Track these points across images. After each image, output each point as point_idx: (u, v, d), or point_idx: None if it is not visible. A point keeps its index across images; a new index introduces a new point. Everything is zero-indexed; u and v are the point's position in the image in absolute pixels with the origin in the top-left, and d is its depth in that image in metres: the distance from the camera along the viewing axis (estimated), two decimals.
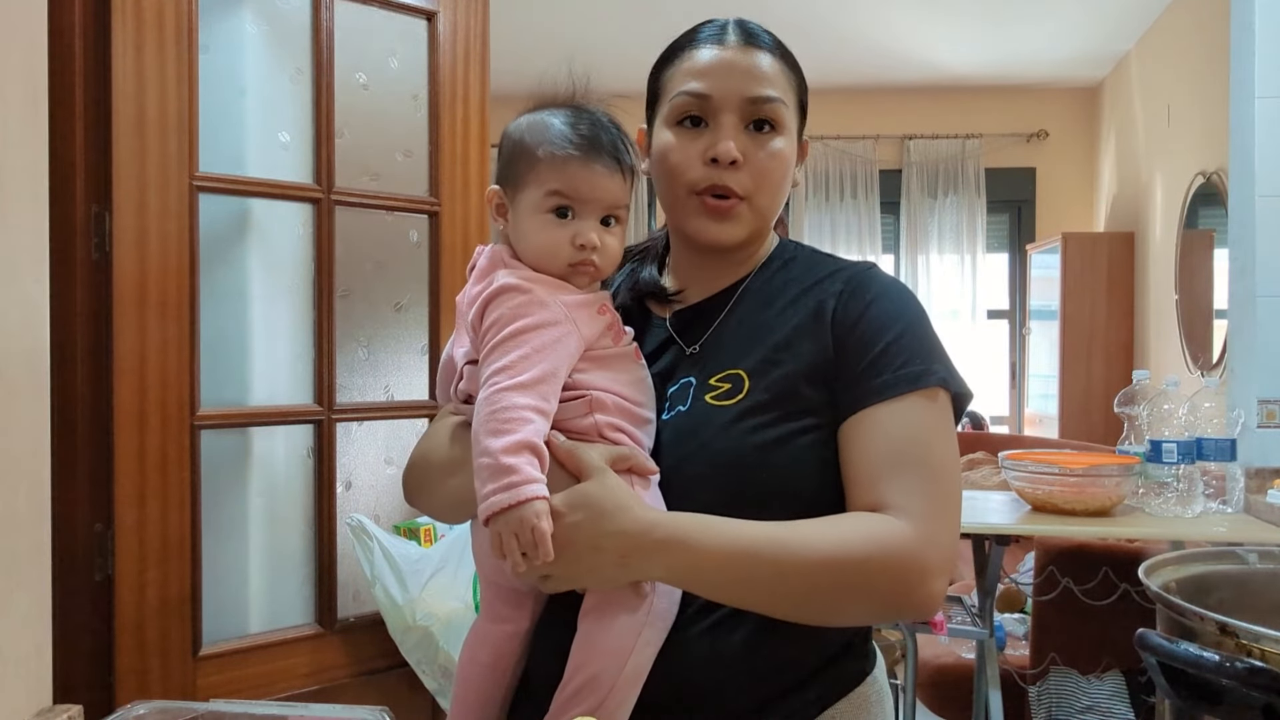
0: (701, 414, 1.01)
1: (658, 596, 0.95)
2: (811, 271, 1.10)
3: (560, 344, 0.95)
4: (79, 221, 1.75)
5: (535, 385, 0.92)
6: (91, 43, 1.75)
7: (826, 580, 0.92)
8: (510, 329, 0.94)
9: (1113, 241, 5.05)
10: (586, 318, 0.99)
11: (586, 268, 1.01)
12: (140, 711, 1.16)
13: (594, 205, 1.00)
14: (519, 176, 1.02)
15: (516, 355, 0.93)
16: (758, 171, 1.04)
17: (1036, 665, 2.62)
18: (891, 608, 0.98)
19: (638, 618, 0.94)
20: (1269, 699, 1.04)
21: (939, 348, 1.03)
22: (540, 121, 1.02)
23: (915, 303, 1.07)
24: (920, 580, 0.93)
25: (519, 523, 0.87)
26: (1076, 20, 4.68)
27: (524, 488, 0.88)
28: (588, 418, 0.97)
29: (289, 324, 2.08)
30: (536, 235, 1.00)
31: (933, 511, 0.94)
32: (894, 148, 5.89)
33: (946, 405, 1.01)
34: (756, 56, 1.05)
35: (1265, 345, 2.48)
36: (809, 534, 0.93)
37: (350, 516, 2.07)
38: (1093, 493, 2.28)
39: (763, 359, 1.02)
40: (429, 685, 2.06)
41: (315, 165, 2.03)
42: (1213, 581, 1.45)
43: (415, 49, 2.19)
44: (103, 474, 1.77)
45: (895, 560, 0.92)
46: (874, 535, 0.93)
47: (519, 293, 0.96)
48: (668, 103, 1.07)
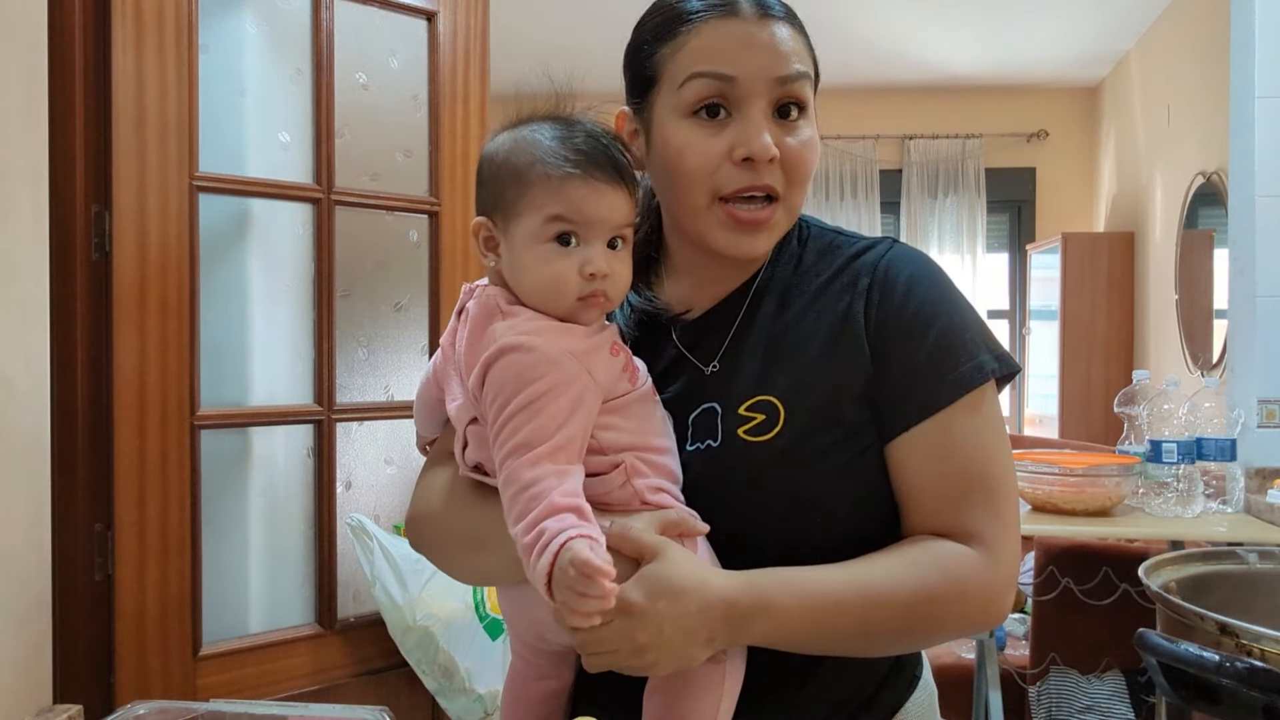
0: (738, 452, 0.91)
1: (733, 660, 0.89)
2: (827, 259, 0.98)
3: (578, 406, 0.83)
4: (79, 221, 1.74)
5: (552, 455, 0.81)
6: (91, 43, 1.75)
7: (912, 621, 0.89)
8: (520, 399, 0.82)
9: (1113, 241, 5.05)
10: (601, 364, 0.87)
11: (597, 299, 0.88)
12: (140, 711, 1.16)
13: (600, 227, 0.87)
14: (509, 204, 0.88)
15: (530, 430, 0.81)
16: (793, 165, 0.92)
17: (1036, 665, 2.62)
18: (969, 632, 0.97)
19: (715, 692, 0.87)
20: (1269, 699, 1.04)
21: (980, 329, 0.95)
22: (526, 139, 0.89)
23: (946, 281, 0.97)
24: (996, 606, 0.91)
25: (563, 575, 0.76)
26: (1076, 20, 4.68)
27: (554, 540, 0.77)
28: (625, 486, 0.87)
29: (289, 324, 2.08)
30: (539, 269, 0.87)
31: (1000, 534, 0.91)
32: (894, 148, 5.89)
33: (992, 391, 0.94)
34: (775, 27, 0.91)
35: (1265, 345, 2.47)
36: (890, 575, 0.88)
37: (350, 516, 2.07)
38: (1093, 493, 2.28)
39: (795, 381, 0.92)
40: (429, 685, 2.06)
41: (315, 165, 2.03)
42: (1213, 581, 1.45)
43: (415, 49, 2.18)
44: (103, 474, 1.77)
45: (976, 593, 0.90)
46: (953, 572, 0.89)
47: (523, 352, 0.83)
48: (675, 90, 0.92)
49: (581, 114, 0.92)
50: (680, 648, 0.83)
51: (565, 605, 0.77)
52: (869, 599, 0.87)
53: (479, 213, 0.92)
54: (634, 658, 0.82)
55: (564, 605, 0.77)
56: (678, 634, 0.82)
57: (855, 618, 0.87)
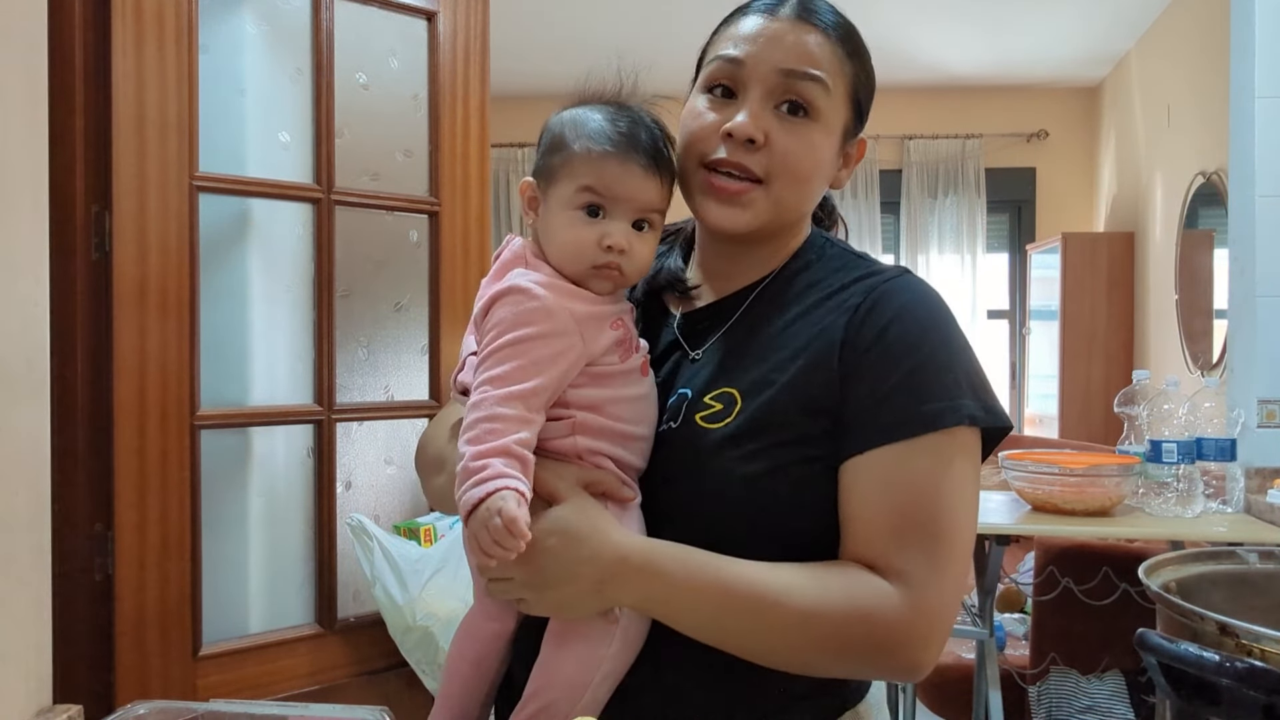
0: (688, 434, 0.95)
1: (626, 626, 0.91)
2: (835, 276, 1.00)
3: (559, 358, 0.90)
4: (79, 221, 1.75)
5: (524, 397, 0.88)
6: (91, 43, 1.75)
7: (800, 635, 0.87)
8: (509, 336, 0.89)
9: (1113, 241, 5.05)
10: (595, 331, 0.93)
11: (610, 271, 0.94)
12: (140, 711, 1.16)
13: (626, 206, 0.94)
14: (553, 170, 0.96)
15: (511, 366, 0.88)
16: (780, 156, 0.95)
17: (1036, 665, 2.62)
18: (871, 671, 0.95)
19: (600, 649, 0.91)
20: (1269, 699, 1.04)
21: (971, 376, 0.92)
22: (580, 116, 0.97)
23: (945, 322, 0.95)
24: (905, 649, 0.87)
25: (486, 512, 0.83)
26: (1076, 20, 4.68)
27: (493, 481, 0.84)
28: (568, 438, 0.93)
29: (289, 324, 2.08)
30: (563, 232, 0.95)
31: (930, 580, 0.87)
32: (894, 148, 5.89)
33: (971, 442, 0.92)
34: (806, 33, 0.96)
35: (1265, 345, 2.48)
36: (790, 583, 0.87)
37: (350, 516, 2.07)
38: (1093, 493, 2.28)
39: (758, 378, 0.94)
40: (429, 685, 2.06)
41: (315, 165, 2.03)
42: (1213, 581, 1.45)
43: (415, 49, 2.18)
44: (103, 474, 1.77)
45: (878, 628, 0.86)
46: (858, 598, 0.87)
47: (528, 297, 0.91)
48: (704, 68, 1.00)
49: (639, 103, 0.99)
50: (564, 589, 0.87)
51: (473, 539, 0.85)
52: (761, 598, 0.87)
53: (531, 175, 1.00)
54: (525, 590, 0.89)
55: (472, 538, 0.85)
56: (563, 574, 0.87)
57: (743, 613, 0.88)
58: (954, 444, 0.90)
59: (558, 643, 0.93)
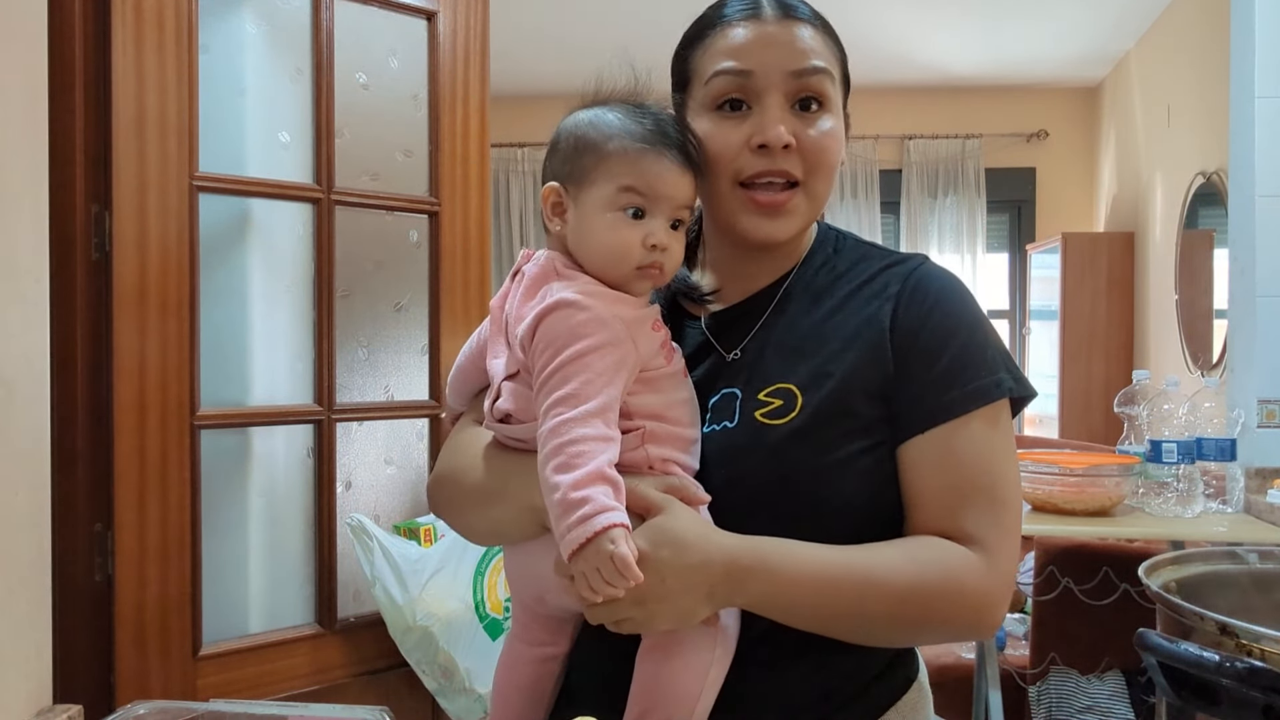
0: (752, 433, 0.95)
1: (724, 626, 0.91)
2: (860, 267, 1.03)
3: (621, 367, 0.89)
4: (79, 221, 1.75)
5: (601, 414, 0.86)
6: (91, 43, 1.75)
7: (906, 610, 0.91)
8: (570, 351, 0.87)
9: (1113, 241, 5.05)
10: (644, 336, 0.92)
11: (653, 271, 0.94)
12: (140, 711, 1.16)
13: (667, 204, 0.94)
14: (585, 172, 0.94)
15: (579, 382, 0.86)
16: (811, 154, 0.97)
17: (1036, 665, 2.62)
18: (962, 634, 1.00)
19: (706, 655, 0.90)
20: (1269, 699, 1.04)
21: (1000, 349, 0.99)
22: (602, 117, 0.95)
23: (973, 301, 1.02)
24: (990, 611, 0.93)
25: (597, 554, 0.81)
26: (1076, 20, 4.68)
27: (599, 517, 0.81)
28: (640, 450, 0.92)
29: (289, 324, 2.08)
30: (606, 234, 0.93)
31: (1002, 544, 0.93)
32: (894, 148, 5.89)
33: (1006, 410, 0.98)
34: (796, 28, 0.98)
35: (1265, 345, 2.48)
36: (890, 563, 0.91)
37: (350, 516, 2.07)
38: (1093, 493, 2.28)
39: (815, 372, 0.96)
40: (429, 685, 2.06)
41: (315, 165, 2.03)
42: (1213, 581, 1.45)
43: (415, 49, 2.18)
44: (103, 474, 1.77)
45: (971, 594, 0.92)
46: (952, 569, 0.91)
47: (578, 309, 0.89)
48: (702, 86, 0.99)
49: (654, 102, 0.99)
50: (680, 599, 0.86)
51: (584, 577, 0.82)
52: (866, 581, 0.90)
53: (552, 179, 0.97)
54: (635, 608, 0.86)
55: (583, 576, 0.83)
56: (679, 584, 0.85)
57: (850, 597, 0.90)
58: (997, 414, 0.96)
59: (660, 656, 0.90)
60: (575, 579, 0.84)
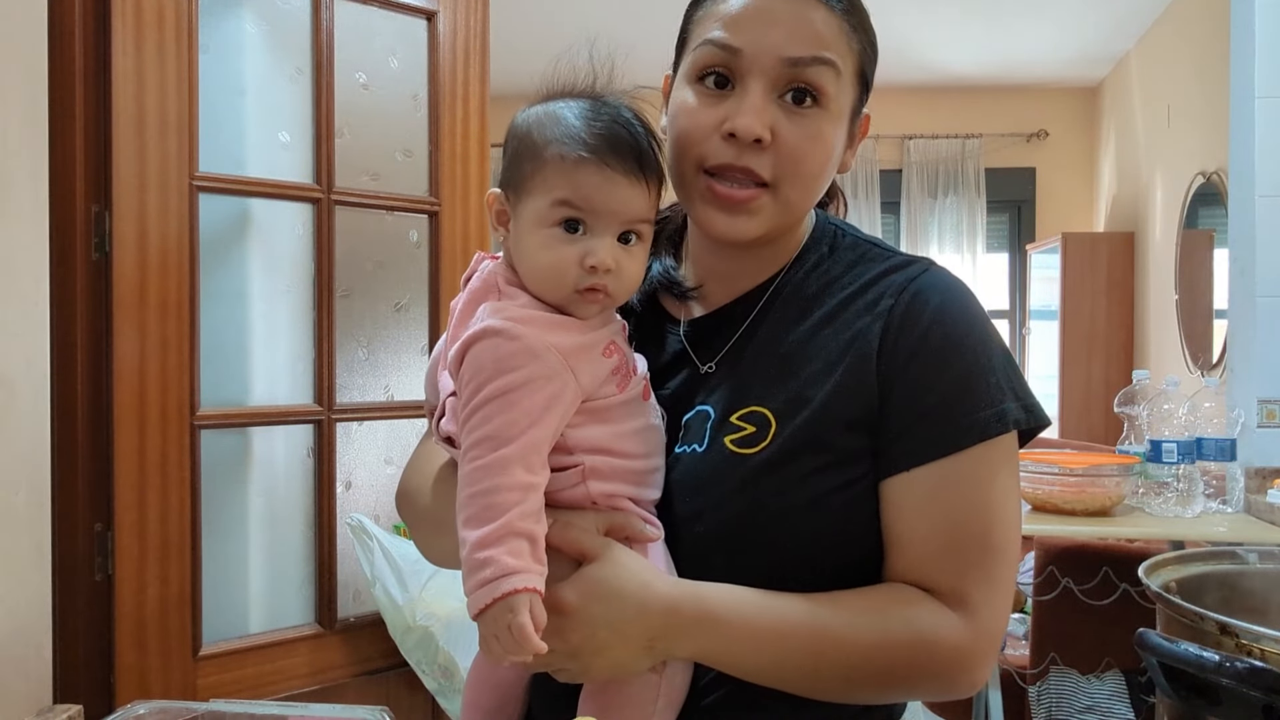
0: (719, 460, 0.85)
1: (670, 675, 0.83)
2: (855, 272, 0.91)
3: (553, 404, 0.78)
4: (79, 221, 1.75)
5: (521, 458, 0.77)
6: (91, 43, 1.75)
7: (866, 670, 0.82)
8: (492, 388, 0.77)
9: (1113, 241, 5.05)
10: (587, 364, 0.81)
11: (595, 295, 0.82)
12: (140, 711, 1.16)
13: (609, 219, 0.82)
14: (523, 180, 0.83)
15: (500, 422, 0.77)
16: (787, 155, 0.84)
17: (1036, 665, 2.62)
18: (931, 695, 0.89)
19: (648, 706, 0.83)
20: (1269, 699, 1.04)
21: (1010, 375, 0.86)
22: (551, 114, 0.84)
23: (978, 317, 0.89)
24: (966, 673, 0.83)
25: (495, 621, 0.75)
26: (1076, 20, 4.68)
27: (499, 582, 0.74)
28: (580, 487, 0.82)
29: (289, 324, 2.08)
30: (538, 254, 0.82)
31: (989, 599, 0.83)
32: (894, 148, 5.89)
33: (1013, 445, 0.86)
34: (809, 8, 0.85)
35: (1265, 345, 2.47)
36: (850, 618, 0.82)
37: (350, 516, 2.07)
38: (1093, 493, 2.28)
39: (792, 396, 0.85)
40: (429, 685, 2.06)
41: (315, 165, 2.03)
42: (1213, 581, 1.45)
43: (415, 49, 2.18)
44: (103, 474, 1.77)
45: (943, 656, 0.82)
46: (923, 630, 0.81)
47: (505, 339, 0.78)
48: (690, 53, 0.87)
49: (618, 97, 0.86)
50: (614, 651, 0.79)
51: (487, 639, 0.77)
52: (822, 636, 0.81)
53: (498, 184, 0.87)
54: (568, 660, 0.80)
55: (485, 640, 0.77)
56: (613, 637, 0.79)
57: (804, 654, 0.81)
58: (999, 451, 0.85)
59: (601, 704, 0.83)
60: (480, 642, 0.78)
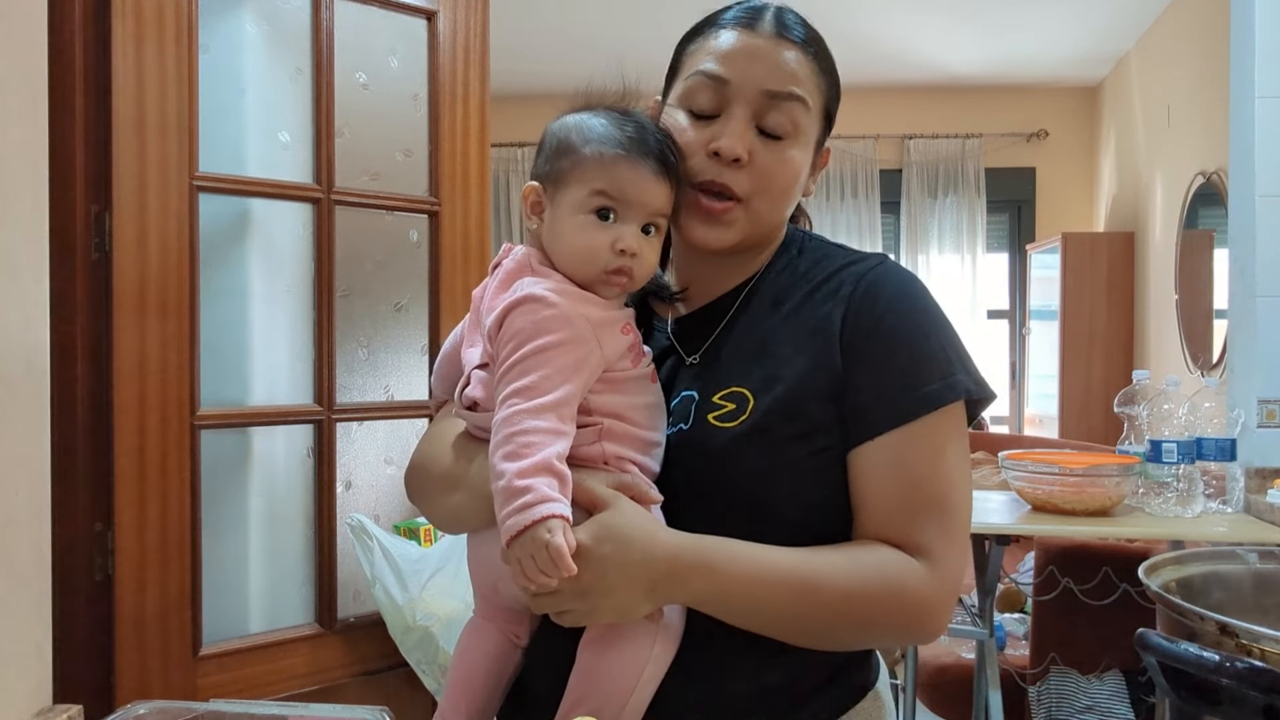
0: (702, 435, 0.97)
1: (666, 623, 0.92)
2: (820, 267, 1.04)
3: (582, 365, 0.90)
4: (79, 221, 1.75)
5: (555, 408, 0.87)
6: (91, 43, 1.75)
7: (845, 613, 0.93)
8: (532, 346, 0.89)
9: (1113, 241, 5.05)
10: (610, 337, 0.94)
11: (621, 276, 0.95)
12: (140, 711, 1.16)
13: (638, 209, 0.95)
14: (562, 174, 0.96)
15: (537, 376, 0.88)
16: (761, 175, 0.99)
17: (1036, 665, 2.62)
18: (903, 639, 1.01)
19: (644, 651, 0.91)
20: (1269, 699, 1.04)
21: (959, 351, 0.99)
22: (586, 121, 0.98)
23: (931, 304, 1.02)
24: (932, 617, 0.95)
25: (533, 542, 0.83)
26: (1076, 20, 4.68)
27: (539, 507, 0.83)
28: (595, 445, 0.93)
29: (289, 324, 2.08)
30: (575, 236, 0.95)
31: (948, 552, 0.94)
32: (894, 147, 5.89)
33: (961, 414, 0.98)
34: (785, 50, 0.99)
35: (1265, 345, 2.47)
36: (832, 566, 0.92)
37: (350, 516, 2.07)
38: (1093, 493, 2.28)
39: (768, 375, 0.97)
40: (429, 685, 2.06)
41: (315, 165, 2.03)
42: (1213, 581, 1.45)
43: (415, 49, 2.19)
44: (103, 474, 1.77)
45: (912, 601, 0.93)
46: (893, 576, 0.93)
47: (544, 306, 0.91)
48: (682, 80, 1.02)
49: (640, 110, 1.01)
50: (621, 593, 0.87)
51: (520, 564, 0.84)
52: (807, 582, 0.91)
53: (533, 179, 1.00)
54: (576, 600, 0.88)
55: (518, 563, 0.84)
56: (620, 578, 0.87)
57: (790, 598, 0.91)
58: (950, 419, 0.97)
59: (600, 648, 0.92)
60: (512, 566, 0.85)
